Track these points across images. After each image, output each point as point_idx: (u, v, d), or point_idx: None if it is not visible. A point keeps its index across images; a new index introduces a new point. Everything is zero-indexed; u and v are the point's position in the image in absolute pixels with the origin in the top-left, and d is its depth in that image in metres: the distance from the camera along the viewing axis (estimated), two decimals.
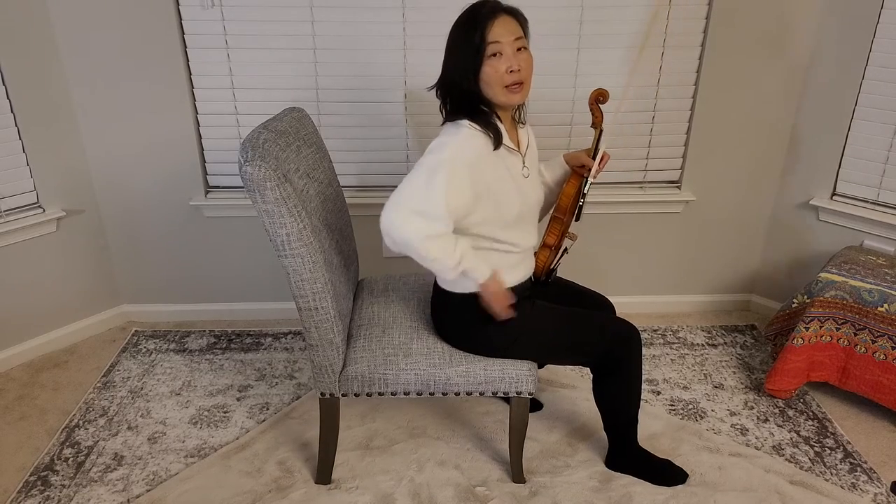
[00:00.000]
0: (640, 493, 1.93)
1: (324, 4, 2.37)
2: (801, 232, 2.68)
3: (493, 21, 1.63)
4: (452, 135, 1.67)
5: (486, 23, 1.63)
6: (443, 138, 1.68)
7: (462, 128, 1.68)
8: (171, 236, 2.69)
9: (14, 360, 2.54)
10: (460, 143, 1.66)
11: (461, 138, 1.66)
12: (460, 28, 1.66)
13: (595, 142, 1.89)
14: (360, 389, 1.83)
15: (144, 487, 1.97)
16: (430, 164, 1.63)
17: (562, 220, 1.89)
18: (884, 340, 2.14)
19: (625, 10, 2.41)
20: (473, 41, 1.63)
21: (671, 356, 2.59)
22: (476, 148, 1.67)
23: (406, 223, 1.62)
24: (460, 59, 1.66)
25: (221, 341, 2.69)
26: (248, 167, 1.56)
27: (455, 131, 1.68)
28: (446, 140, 1.66)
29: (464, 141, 1.66)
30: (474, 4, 1.68)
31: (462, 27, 1.66)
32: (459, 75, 1.67)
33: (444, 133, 1.70)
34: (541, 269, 1.93)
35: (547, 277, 1.95)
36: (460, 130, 1.67)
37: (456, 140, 1.66)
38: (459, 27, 1.66)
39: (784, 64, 2.49)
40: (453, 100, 1.72)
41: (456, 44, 1.67)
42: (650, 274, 2.85)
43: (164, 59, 2.41)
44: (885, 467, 2.06)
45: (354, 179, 2.64)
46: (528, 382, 1.82)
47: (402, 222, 1.62)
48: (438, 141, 1.68)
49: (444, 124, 1.74)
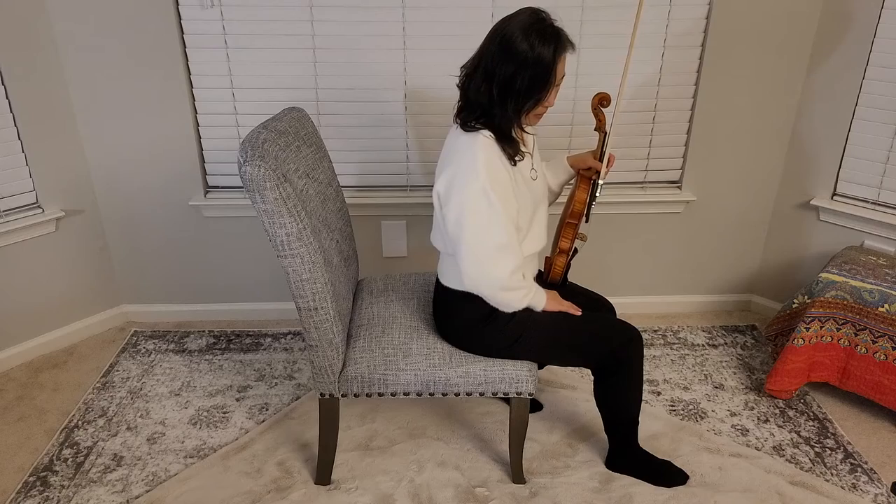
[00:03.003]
0: (641, 494, 1.93)
1: (324, 4, 2.37)
2: (801, 232, 2.68)
3: (566, 54, 1.61)
4: (469, 150, 1.62)
5: (563, 56, 1.59)
6: (466, 159, 1.62)
7: (478, 137, 1.63)
8: (171, 236, 2.69)
9: (13, 361, 2.54)
10: (487, 157, 1.61)
11: (484, 151, 1.62)
12: (539, 43, 1.56)
13: (601, 144, 1.89)
14: (360, 390, 1.83)
15: (144, 488, 1.96)
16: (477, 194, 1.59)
17: (575, 225, 1.89)
18: (884, 341, 2.14)
19: (625, 10, 2.40)
20: (551, 70, 1.58)
21: (671, 356, 2.59)
22: (497, 153, 1.64)
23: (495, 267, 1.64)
24: (533, 81, 1.58)
25: (221, 342, 2.68)
26: (248, 167, 1.56)
27: (472, 142, 1.63)
28: (471, 159, 1.61)
29: (487, 152, 1.62)
30: (553, 24, 1.59)
31: (542, 44, 1.56)
32: (523, 96, 1.60)
33: (460, 146, 1.65)
34: (558, 275, 1.93)
35: (563, 282, 1.95)
36: (477, 140, 1.63)
37: (482, 155, 1.61)
38: (539, 42, 1.56)
39: (784, 64, 2.49)
40: (488, 106, 1.63)
41: (529, 60, 1.56)
42: (651, 274, 2.85)
43: (164, 59, 2.40)
44: (885, 468, 2.05)
45: (354, 179, 2.64)
46: (528, 383, 1.81)
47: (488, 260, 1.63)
48: (462, 168, 1.62)
49: (457, 128, 1.69)
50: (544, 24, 1.59)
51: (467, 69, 1.67)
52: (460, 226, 1.63)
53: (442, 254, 1.84)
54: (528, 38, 1.56)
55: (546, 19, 1.61)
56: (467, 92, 1.67)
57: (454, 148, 1.68)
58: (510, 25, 1.59)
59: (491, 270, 1.66)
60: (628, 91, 2.51)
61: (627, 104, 2.55)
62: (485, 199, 1.60)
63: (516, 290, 1.71)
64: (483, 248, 1.64)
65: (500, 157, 1.65)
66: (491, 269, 1.66)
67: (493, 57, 1.59)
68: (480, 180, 1.59)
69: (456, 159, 1.65)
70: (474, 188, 1.60)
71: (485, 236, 1.63)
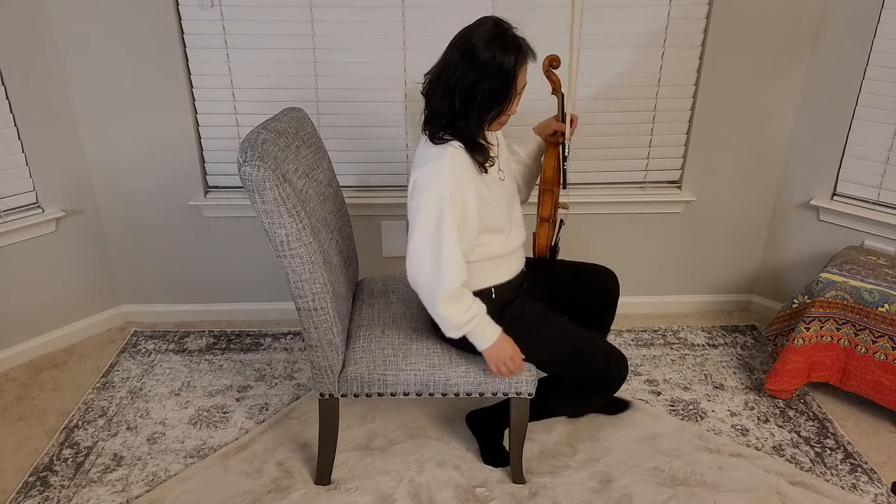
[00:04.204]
0: (640, 494, 1.93)
1: (324, 4, 2.37)
2: (801, 232, 2.68)
3: (527, 64, 1.61)
4: (438, 158, 1.61)
5: (525, 65, 1.60)
6: (431, 166, 1.61)
7: (447, 148, 1.63)
8: (171, 236, 2.69)
9: (13, 361, 2.54)
10: (454, 169, 1.61)
11: (452, 162, 1.61)
12: (500, 53, 1.56)
13: (560, 107, 1.91)
14: (360, 390, 1.83)
15: (144, 488, 1.96)
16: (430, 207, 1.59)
17: (551, 191, 1.89)
18: (884, 341, 2.14)
19: (625, 10, 2.40)
20: (513, 80, 1.58)
21: (671, 356, 2.59)
22: (466, 165, 1.64)
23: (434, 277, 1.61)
24: (494, 90, 1.58)
25: (221, 342, 2.68)
26: (248, 167, 1.55)
27: (440, 153, 1.62)
28: (438, 167, 1.60)
29: (456, 163, 1.62)
30: (515, 35, 1.60)
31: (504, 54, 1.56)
32: (485, 106, 1.60)
33: (429, 157, 1.64)
34: (544, 247, 1.92)
35: (552, 255, 1.94)
36: (446, 151, 1.62)
37: (449, 165, 1.60)
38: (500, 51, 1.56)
39: (784, 64, 2.49)
40: (451, 116, 1.63)
41: (491, 69, 1.56)
42: (651, 274, 2.85)
43: (164, 59, 2.40)
44: (885, 468, 2.05)
45: (354, 179, 2.64)
46: (528, 383, 1.81)
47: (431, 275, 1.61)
48: (428, 170, 1.62)
49: (426, 140, 1.68)
50: (506, 35, 1.59)
51: (431, 76, 1.67)
52: (412, 226, 1.64)
53: None
54: (490, 48, 1.56)
55: (508, 30, 1.61)
56: (430, 100, 1.66)
57: (423, 156, 1.67)
58: (473, 35, 1.59)
59: (428, 278, 1.64)
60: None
61: (627, 104, 2.55)
62: (437, 209, 1.59)
63: (457, 303, 1.66)
64: (423, 255, 1.63)
65: (470, 168, 1.64)
66: (429, 277, 1.63)
67: (456, 66, 1.59)
68: (441, 189, 1.59)
69: (424, 165, 1.64)
70: (433, 194, 1.60)
71: (429, 243, 1.61)
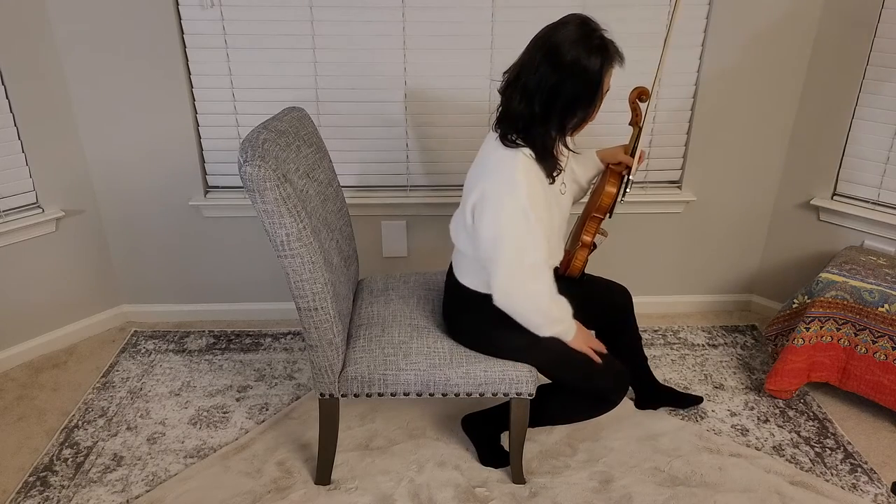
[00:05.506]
0: (640, 494, 1.93)
1: (324, 4, 2.37)
2: (801, 232, 2.68)
3: (613, 69, 1.54)
4: (509, 167, 1.55)
5: (611, 69, 1.52)
6: (504, 176, 1.55)
7: (518, 154, 1.56)
8: (171, 236, 2.69)
9: (13, 361, 2.54)
10: (527, 176, 1.55)
11: (524, 170, 1.55)
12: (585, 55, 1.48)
13: (633, 139, 1.86)
14: (360, 390, 1.83)
15: (144, 488, 1.96)
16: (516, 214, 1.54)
17: (599, 220, 1.87)
18: (884, 341, 2.14)
19: (625, 9, 2.40)
20: (598, 84, 1.51)
21: (672, 356, 2.59)
22: (536, 172, 1.58)
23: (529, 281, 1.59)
24: (578, 95, 1.50)
25: (221, 342, 2.68)
26: (248, 167, 1.55)
27: (512, 159, 1.56)
28: (510, 177, 1.54)
29: (527, 171, 1.55)
30: (602, 35, 1.51)
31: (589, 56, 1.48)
32: (568, 112, 1.52)
33: (498, 161, 1.57)
34: (578, 270, 1.91)
35: (582, 276, 1.94)
36: (517, 158, 1.56)
37: (522, 174, 1.55)
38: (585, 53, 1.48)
39: (784, 64, 2.49)
40: (529, 120, 1.54)
41: (575, 72, 1.48)
42: (651, 274, 2.85)
43: (164, 59, 2.40)
44: (885, 468, 2.05)
45: (354, 179, 2.64)
46: (529, 384, 1.81)
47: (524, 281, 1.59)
48: (502, 182, 1.55)
49: (495, 138, 1.60)
50: (593, 35, 1.50)
51: (509, 76, 1.59)
52: (496, 246, 1.59)
53: (460, 252, 1.80)
54: (575, 49, 1.48)
55: (596, 30, 1.51)
56: (508, 101, 1.58)
57: (491, 160, 1.61)
58: (556, 35, 1.51)
59: (529, 289, 1.62)
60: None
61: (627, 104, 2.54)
62: (524, 219, 1.54)
63: (559, 302, 1.68)
64: (521, 269, 1.60)
65: (539, 176, 1.59)
66: (529, 288, 1.62)
67: (537, 67, 1.51)
68: (520, 200, 1.54)
69: (494, 175, 1.58)
70: (513, 207, 1.54)
71: (523, 256, 1.59)
